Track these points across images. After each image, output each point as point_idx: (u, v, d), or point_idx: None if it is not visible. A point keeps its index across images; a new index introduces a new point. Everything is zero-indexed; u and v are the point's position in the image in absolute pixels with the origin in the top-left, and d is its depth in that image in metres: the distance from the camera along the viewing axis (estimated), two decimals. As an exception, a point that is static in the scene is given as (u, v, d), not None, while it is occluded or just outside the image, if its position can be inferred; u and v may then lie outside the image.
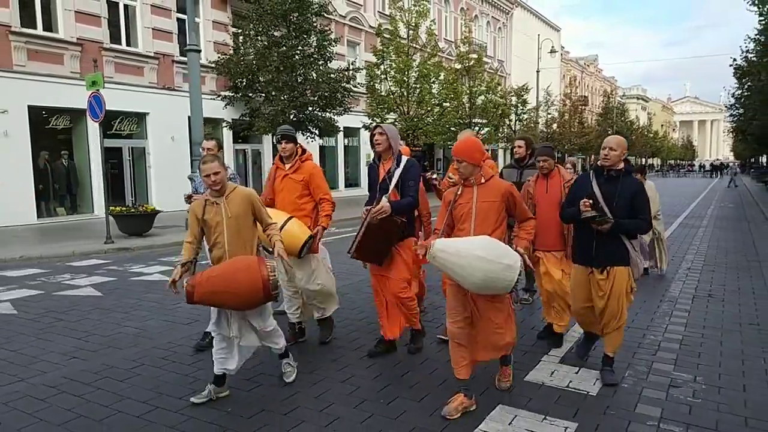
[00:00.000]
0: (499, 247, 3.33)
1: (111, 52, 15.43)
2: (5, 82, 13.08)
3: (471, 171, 3.54)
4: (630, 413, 3.47)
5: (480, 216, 3.52)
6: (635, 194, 3.83)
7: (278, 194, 4.66)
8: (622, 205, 3.81)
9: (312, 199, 4.63)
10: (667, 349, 4.65)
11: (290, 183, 4.58)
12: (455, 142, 3.80)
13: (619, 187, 3.85)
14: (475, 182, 3.56)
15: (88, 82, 10.37)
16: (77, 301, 6.43)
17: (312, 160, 4.74)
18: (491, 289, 3.32)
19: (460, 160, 3.54)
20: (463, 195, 3.60)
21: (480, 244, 3.30)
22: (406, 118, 20.36)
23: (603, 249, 3.84)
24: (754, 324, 5.37)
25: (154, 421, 3.40)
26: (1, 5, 12.99)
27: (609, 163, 3.88)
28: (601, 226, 3.77)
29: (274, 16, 14.22)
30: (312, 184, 4.57)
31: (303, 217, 4.55)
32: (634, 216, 3.82)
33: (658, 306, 6.01)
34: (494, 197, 3.53)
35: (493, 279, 3.23)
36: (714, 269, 8.10)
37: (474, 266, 3.21)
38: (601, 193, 3.86)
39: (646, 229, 3.94)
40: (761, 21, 14.17)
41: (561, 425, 3.31)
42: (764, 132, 22.89)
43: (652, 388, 3.83)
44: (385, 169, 4.41)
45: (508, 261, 3.25)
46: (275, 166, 4.73)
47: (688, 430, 3.25)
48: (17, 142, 13.35)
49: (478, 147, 3.56)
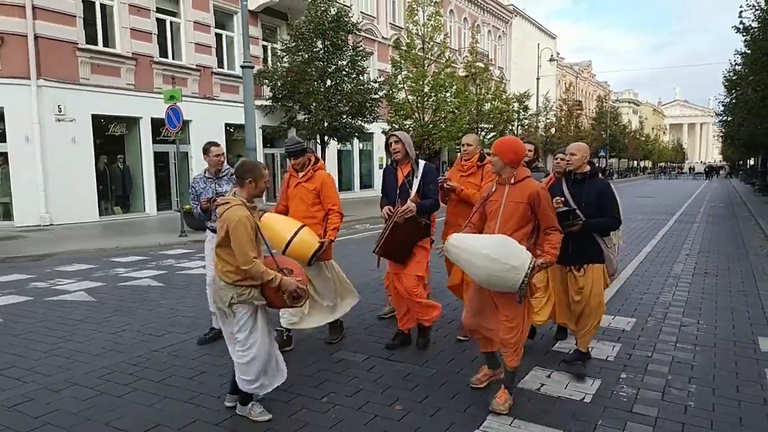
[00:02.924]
0: (509, 247, 3.35)
1: (160, 65, 16.91)
2: (74, 93, 14.54)
3: (501, 167, 3.62)
4: (652, 346, 5.05)
5: (505, 215, 3.57)
6: (600, 194, 4.11)
7: (291, 201, 4.77)
8: (590, 205, 4.06)
9: (323, 208, 4.72)
10: (676, 305, 6.26)
11: (303, 191, 4.70)
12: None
13: (585, 189, 4.12)
14: (507, 181, 3.63)
15: (167, 96, 11.88)
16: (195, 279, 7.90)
17: (324, 169, 4.85)
18: (496, 286, 3.43)
19: (493, 154, 3.65)
20: (496, 192, 3.68)
21: (489, 243, 3.40)
22: (421, 124, 21.92)
23: (577, 248, 4.04)
24: (741, 291, 7.00)
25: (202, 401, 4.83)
26: (69, 24, 14.45)
27: (573, 167, 4.18)
28: (571, 227, 3.97)
29: (314, 34, 15.79)
30: (323, 193, 4.67)
31: (315, 224, 4.62)
32: (603, 215, 4.10)
33: (666, 279, 7.63)
34: (521, 198, 3.54)
35: (497, 278, 3.32)
36: (708, 255, 9.73)
37: (479, 264, 3.35)
38: (570, 195, 4.14)
39: (615, 226, 4.23)
40: (746, 41, 15.96)
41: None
42: (752, 138, 24.78)
43: (668, 327, 5.43)
44: (403, 174, 4.61)
45: (515, 262, 3.28)
46: (289, 174, 4.84)
47: (698, 322, 4.85)
48: (83, 147, 14.79)
49: (513, 147, 3.59)
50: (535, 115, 35.59)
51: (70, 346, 4.98)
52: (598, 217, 4.09)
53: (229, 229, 3.27)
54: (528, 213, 3.55)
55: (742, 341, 5.02)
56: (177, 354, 4.74)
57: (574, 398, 3.79)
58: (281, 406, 3.64)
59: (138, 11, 16.17)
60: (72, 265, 8.96)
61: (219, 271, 3.42)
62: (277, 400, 3.68)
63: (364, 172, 27.50)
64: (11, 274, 8.25)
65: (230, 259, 3.34)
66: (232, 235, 3.25)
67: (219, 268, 3.42)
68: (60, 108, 14.20)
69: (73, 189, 14.52)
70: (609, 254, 4.18)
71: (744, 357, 4.62)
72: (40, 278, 7.99)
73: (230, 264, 3.36)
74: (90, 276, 8.12)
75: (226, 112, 18.91)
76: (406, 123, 21.52)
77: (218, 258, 3.42)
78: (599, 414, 3.56)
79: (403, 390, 3.91)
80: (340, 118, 16.26)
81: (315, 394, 3.83)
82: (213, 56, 18.75)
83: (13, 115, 13.65)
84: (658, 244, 11.03)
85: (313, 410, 3.60)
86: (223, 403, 3.68)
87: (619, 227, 4.29)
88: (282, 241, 4.35)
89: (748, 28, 14.81)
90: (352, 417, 3.51)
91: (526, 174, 3.65)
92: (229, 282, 3.36)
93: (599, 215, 4.07)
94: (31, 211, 13.96)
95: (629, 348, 4.82)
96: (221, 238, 3.34)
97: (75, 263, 9.16)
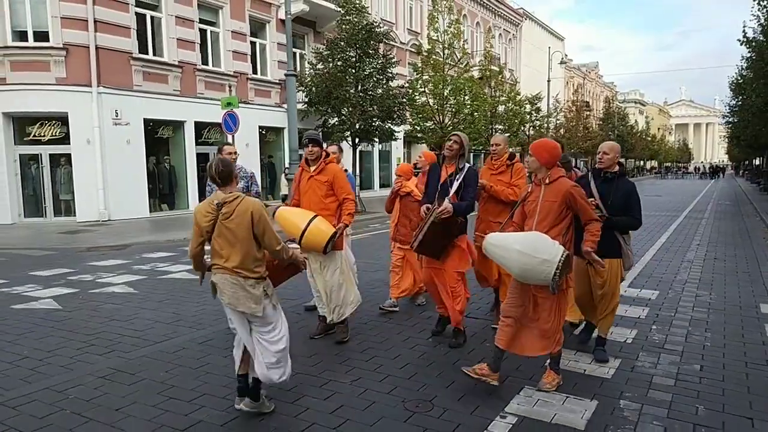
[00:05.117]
0: (540, 242, 3.61)
1: (202, 72, 18.13)
2: (128, 99, 15.78)
3: (537, 167, 3.86)
4: (674, 309, 6.20)
5: (542, 214, 3.80)
6: (628, 194, 4.30)
7: (304, 195, 4.91)
8: (616, 203, 4.25)
9: (336, 199, 4.86)
10: (692, 282, 7.42)
11: (315, 184, 4.83)
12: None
13: (614, 188, 4.29)
14: (542, 181, 3.86)
15: (224, 103, 13.09)
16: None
17: (335, 163, 5.02)
18: (530, 279, 3.68)
19: (531, 154, 3.89)
20: (533, 193, 3.93)
21: (521, 239, 3.67)
22: (441, 126, 23.10)
23: (599, 243, 4.07)
24: (746, 272, 8.15)
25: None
26: (125, 36, 15.68)
27: (604, 166, 4.35)
28: None
29: (347, 43, 17.03)
30: (336, 185, 4.83)
31: (328, 215, 4.78)
32: (626, 214, 4.29)
33: (681, 263, 8.79)
34: (555, 197, 3.76)
35: (529, 270, 3.58)
36: (717, 245, 10.87)
37: (513, 258, 3.62)
38: (598, 193, 4.31)
39: (636, 226, 4.38)
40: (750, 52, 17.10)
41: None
42: (756, 139, 25.90)
43: (686, 296, 6.59)
44: (447, 172, 4.76)
45: (546, 256, 3.53)
46: (301, 169, 4.99)
47: (710, 294, 6.01)
48: (136, 149, 16.03)
49: (548, 148, 3.83)
50: (547, 117, 36.68)
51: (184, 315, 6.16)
52: (622, 216, 4.30)
53: (260, 217, 3.28)
54: (562, 211, 3.77)
55: (746, 306, 6.19)
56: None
57: (618, 340, 4.95)
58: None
59: (183, 22, 17.41)
60: (155, 253, 10.18)
61: (244, 268, 3.30)
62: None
63: (384, 172, 28.67)
64: (109, 260, 9.46)
65: (255, 252, 3.32)
66: (263, 222, 3.28)
67: (244, 266, 3.30)
68: (116, 113, 15.44)
69: (127, 187, 15.76)
70: (627, 250, 4.37)
71: (748, 317, 5.78)
72: (139, 262, 9.24)
73: (257, 257, 3.34)
74: (180, 261, 9.33)
75: (260, 115, 20.16)
76: (427, 124, 22.72)
77: (237, 256, 3.29)
78: (639, 348, 4.75)
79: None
80: (371, 121, 17.46)
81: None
82: (248, 63, 19.96)
83: (77, 119, 14.90)
84: (671, 236, 12.17)
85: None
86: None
87: (638, 228, 4.48)
88: (297, 231, 4.54)
89: (751, 40, 15.92)
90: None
91: (559, 174, 3.86)
92: (257, 278, 3.35)
93: (623, 214, 4.28)
94: (91, 207, 15.22)
95: (656, 310, 6.00)
96: (244, 232, 3.26)
97: (156, 251, 10.38)
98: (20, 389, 3.98)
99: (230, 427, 3.42)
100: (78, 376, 4.17)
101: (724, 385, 4.02)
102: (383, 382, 4.07)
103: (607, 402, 3.72)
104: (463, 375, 3.86)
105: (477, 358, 4.39)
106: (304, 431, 3.36)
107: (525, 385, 3.98)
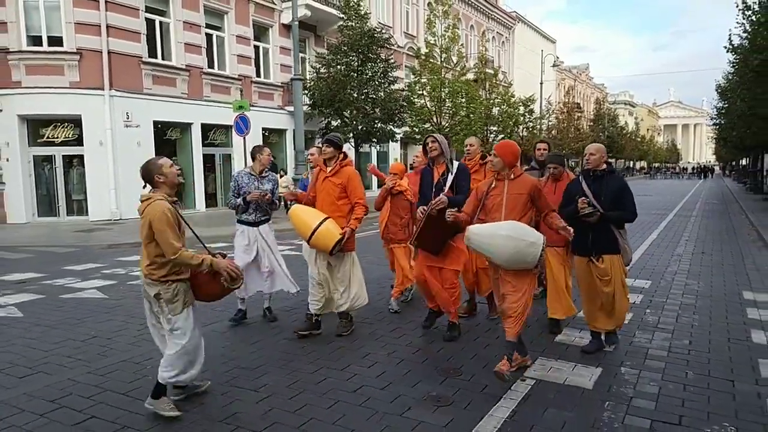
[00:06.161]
0: (523, 228, 3.94)
1: (209, 75, 18.65)
2: (139, 102, 16.28)
3: (501, 167, 4.17)
4: (665, 296, 6.85)
5: (509, 206, 4.13)
6: (621, 189, 4.48)
7: (318, 194, 5.02)
8: (608, 199, 4.43)
9: (348, 202, 4.93)
10: (681, 273, 8.09)
11: (329, 185, 4.93)
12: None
13: (604, 185, 4.48)
14: (506, 177, 4.19)
15: (236, 106, 13.64)
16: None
17: (352, 165, 5.09)
18: (520, 263, 3.92)
19: (495, 155, 4.16)
20: (496, 188, 4.24)
21: (506, 226, 3.95)
22: (439, 128, 23.72)
23: (596, 239, 4.40)
24: (731, 264, 8.84)
25: None
26: (135, 41, 16.18)
27: (591, 166, 4.54)
28: (590, 218, 4.37)
29: (349, 48, 17.65)
30: (349, 188, 4.91)
31: (339, 217, 4.87)
32: (620, 209, 4.45)
33: (671, 256, 9.47)
34: (522, 190, 4.13)
35: (518, 253, 3.86)
36: (704, 241, 11.57)
37: (502, 244, 3.85)
38: (591, 191, 4.48)
39: (631, 219, 4.53)
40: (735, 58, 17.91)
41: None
42: (742, 141, 26.81)
43: (676, 285, 7.25)
44: (438, 173, 4.94)
45: (531, 239, 3.87)
46: (318, 168, 5.15)
47: (698, 283, 6.66)
48: (146, 150, 16.47)
49: (513, 150, 4.19)
50: (539, 118, 37.45)
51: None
52: (616, 210, 4.46)
53: (152, 222, 3.31)
54: (528, 203, 4.15)
55: (730, 293, 6.86)
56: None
57: (616, 322, 5.58)
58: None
59: (190, 27, 17.92)
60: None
61: (144, 268, 3.43)
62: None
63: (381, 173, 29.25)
64: (133, 256, 9.97)
65: (155, 255, 3.38)
66: (155, 227, 3.30)
67: (144, 266, 3.43)
68: (127, 115, 15.94)
69: (138, 187, 15.97)
70: (624, 245, 4.53)
71: (732, 302, 6.44)
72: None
73: (155, 261, 3.39)
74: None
75: (262, 117, 20.68)
76: (425, 126, 23.34)
77: (143, 255, 3.44)
78: (635, 328, 5.39)
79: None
80: (373, 123, 18.08)
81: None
82: (252, 66, 20.49)
83: (90, 122, 15.38)
84: (662, 232, 12.87)
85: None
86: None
87: (634, 221, 4.60)
88: (308, 230, 4.70)
89: (737, 47, 16.70)
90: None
91: (521, 171, 4.31)
92: (154, 279, 3.42)
93: (616, 209, 4.44)
94: (103, 207, 15.71)
95: (650, 297, 6.66)
96: (145, 233, 3.35)
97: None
98: (101, 361, 4.57)
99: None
100: (147, 351, 4.73)
101: (709, 356, 4.67)
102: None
103: (610, 369, 4.35)
104: (496, 376, 3.96)
105: (470, 354, 4.68)
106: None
107: (539, 356, 4.60)
